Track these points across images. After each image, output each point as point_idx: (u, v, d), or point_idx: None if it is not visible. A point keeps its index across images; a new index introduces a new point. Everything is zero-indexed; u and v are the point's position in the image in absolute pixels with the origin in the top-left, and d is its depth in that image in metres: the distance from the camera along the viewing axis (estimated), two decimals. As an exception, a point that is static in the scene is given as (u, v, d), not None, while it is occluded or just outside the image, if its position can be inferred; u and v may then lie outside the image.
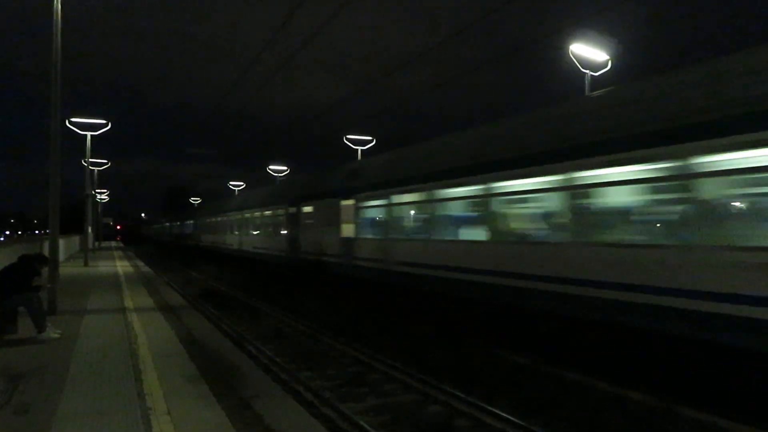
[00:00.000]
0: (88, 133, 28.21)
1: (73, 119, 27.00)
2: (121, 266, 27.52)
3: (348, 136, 29.57)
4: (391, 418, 6.68)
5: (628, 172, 7.67)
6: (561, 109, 9.62)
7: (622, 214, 8.33)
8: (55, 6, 11.63)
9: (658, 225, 8.05)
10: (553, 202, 9.11)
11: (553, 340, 8.77)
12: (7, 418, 5.10)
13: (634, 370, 7.41)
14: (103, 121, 27.72)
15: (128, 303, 13.19)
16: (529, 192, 9.68)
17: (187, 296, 17.30)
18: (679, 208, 7.33)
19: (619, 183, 7.96)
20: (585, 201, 8.48)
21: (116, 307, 12.39)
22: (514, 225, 10.33)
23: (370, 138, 29.84)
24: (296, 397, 7.01)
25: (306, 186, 20.76)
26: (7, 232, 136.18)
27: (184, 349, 8.15)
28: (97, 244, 51.70)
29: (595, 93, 10.48)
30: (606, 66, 16.06)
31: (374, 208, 14.76)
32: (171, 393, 5.89)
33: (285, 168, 44.95)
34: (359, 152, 29.61)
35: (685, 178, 6.89)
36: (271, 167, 44.57)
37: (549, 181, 8.88)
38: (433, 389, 7.57)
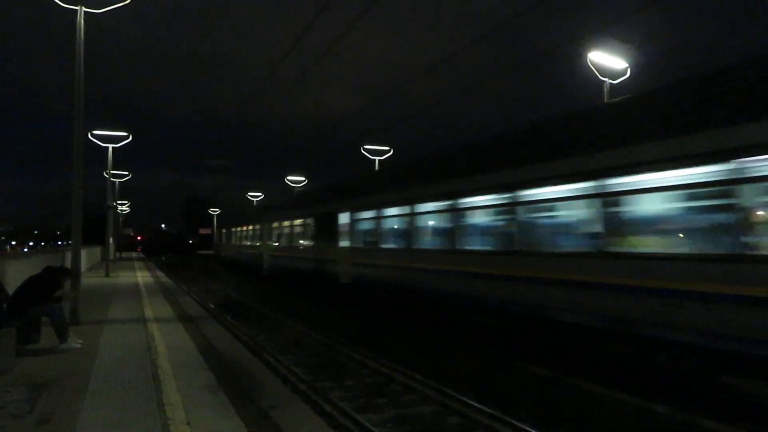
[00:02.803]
0: (110, 146, 28.64)
1: (95, 132, 27.48)
2: (142, 277, 27.82)
3: (365, 146, 29.65)
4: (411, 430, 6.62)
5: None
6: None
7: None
8: (78, 21, 11.89)
9: None
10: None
11: (572, 351, 8.70)
12: (29, 427, 5.15)
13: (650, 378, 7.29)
14: (125, 134, 28.15)
15: (148, 313, 13.30)
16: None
17: (206, 306, 17.41)
18: None
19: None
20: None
21: (137, 317, 12.50)
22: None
23: (387, 148, 29.91)
24: (315, 408, 6.99)
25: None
26: (31, 243, 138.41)
27: (203, 359, 8.19)
28: (117, 254, 52.33)
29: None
30: (625, 74, 15.95)
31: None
32: (190, 403, 5.91)
33: (303, 179, 45.15)
34: (376, 162, 29.67)
35: None
36: (289, 178, 44.82)
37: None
38: (453, 401, 7.48)
